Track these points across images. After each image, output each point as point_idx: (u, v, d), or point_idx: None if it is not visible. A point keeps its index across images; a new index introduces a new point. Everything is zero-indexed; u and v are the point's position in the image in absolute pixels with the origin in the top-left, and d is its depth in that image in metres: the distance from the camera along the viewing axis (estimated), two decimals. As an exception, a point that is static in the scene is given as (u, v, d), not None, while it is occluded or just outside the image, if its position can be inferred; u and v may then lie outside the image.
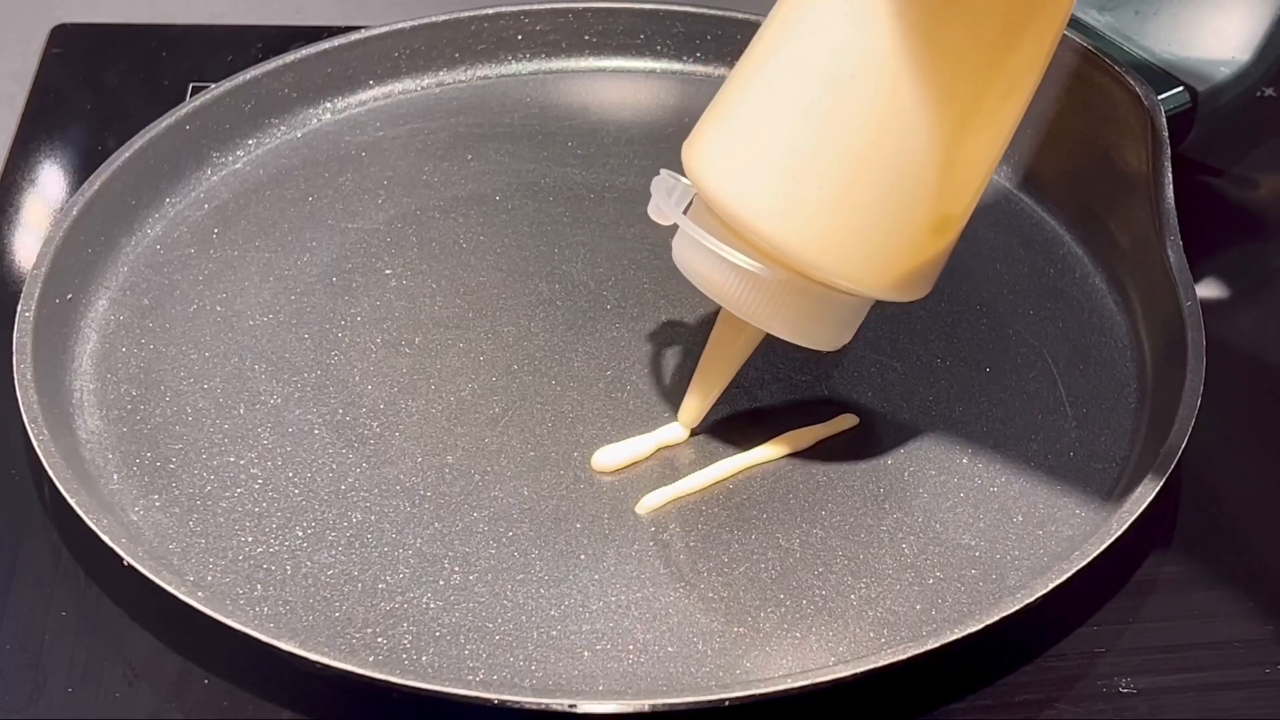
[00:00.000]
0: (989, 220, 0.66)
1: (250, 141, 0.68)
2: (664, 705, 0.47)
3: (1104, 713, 0.50)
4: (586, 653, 0.50)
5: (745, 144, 0.51)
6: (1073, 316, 0.62)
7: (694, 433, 0.56)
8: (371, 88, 0.71)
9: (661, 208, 0.53)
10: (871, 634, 0.51)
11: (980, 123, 0.50)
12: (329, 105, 0.70)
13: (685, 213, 0.53)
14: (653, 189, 0.53)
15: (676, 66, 0.73)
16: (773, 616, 0.51)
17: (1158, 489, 0.52)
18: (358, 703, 0.49)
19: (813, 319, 0.53)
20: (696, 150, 0.52)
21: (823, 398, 0.58)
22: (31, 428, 0.53)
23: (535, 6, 0.72)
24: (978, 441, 0.57)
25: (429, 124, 0.70)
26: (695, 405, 0.56)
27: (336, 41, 0.70)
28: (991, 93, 0.50)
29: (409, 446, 0.56)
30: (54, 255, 0.59)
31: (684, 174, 0.52)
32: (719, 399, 0.56)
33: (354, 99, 0.70)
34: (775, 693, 0.47)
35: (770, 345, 0.60)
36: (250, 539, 0.52)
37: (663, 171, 0.53)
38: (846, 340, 0.54)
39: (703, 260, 0.52)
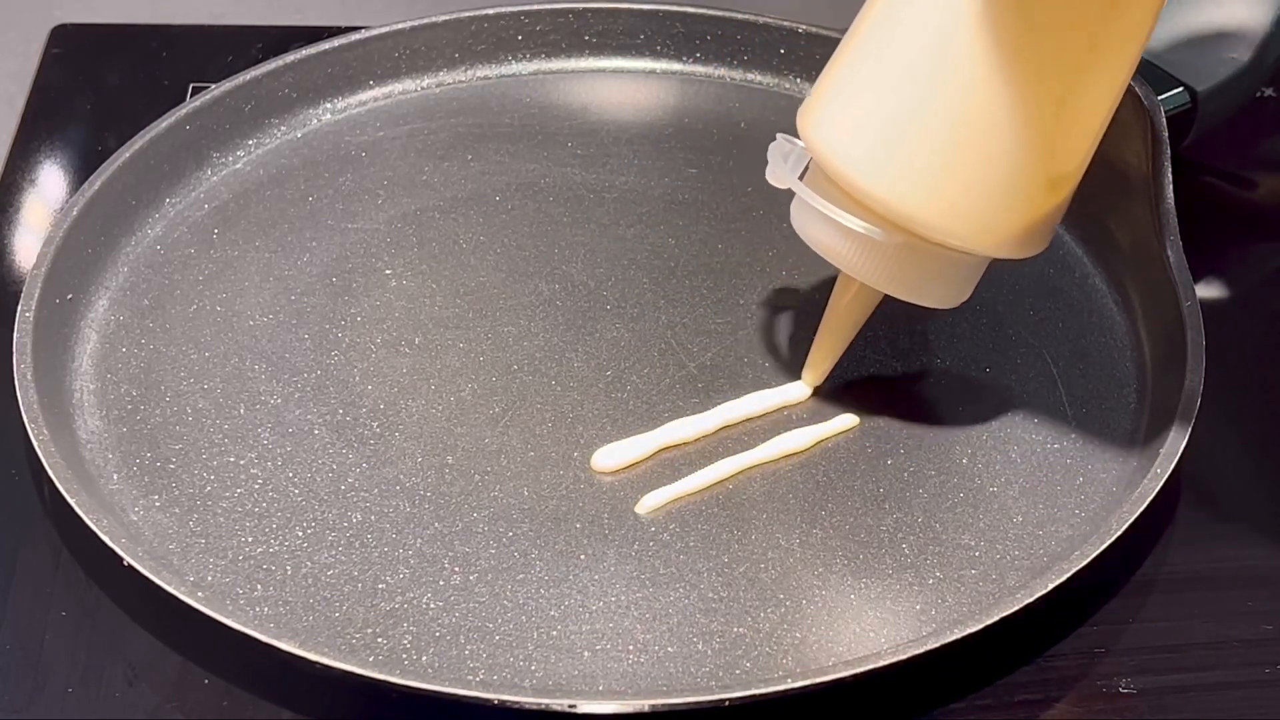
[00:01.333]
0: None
1: (250, 142, 0.68)
2: (664, 705, 0.47)
3: (1104, 713, 0.50)
4: (586, 653, 0.50)
5: (856, 108, 0.51)
6: (1073, 316, 0.62)
7: (694, 439, 0.56)
8: (372, 88, 0.71)
9: (778, 172, 0.54)
10: (871, 634, 0.51)
11: (1087, 81, 0.51)
12: (329, 105, 0.70)
13: (801, 178, 0.53)
14: (769, 154, 0.54)
15: (676, 66, 0.73)
16: (772, 617, 0.51)
17: (1158, 489, 0.52)
18: (358, 703, 0.49)
19: (929, 279, 0.53)
20: (810, 115, 0.53)
21: (823, 398, 0.58)
22: (31, 428, 0.53)
23: (535, 6, 0.72)
24: (978, 441, 0.57)
25: (429, 124, 0.70)
26: (819, 366, 0.57)
27: (336, 42, 0.70)
28: (1099, 52, 0.50)
29: (409, 446, 0.56)
30: (54, 255, 0.59)
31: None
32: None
33: (354, 99, 0.70)
34: (775, 693, 0.47)
35: (771, 345, 0.60)
36: (250, 539, 0.52)
37: (779, 136, 0.54)
38: (965, 298, 0.55)
39: (819, 225, 0.53)
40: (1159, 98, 0.63)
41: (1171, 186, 0.60)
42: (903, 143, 0.51)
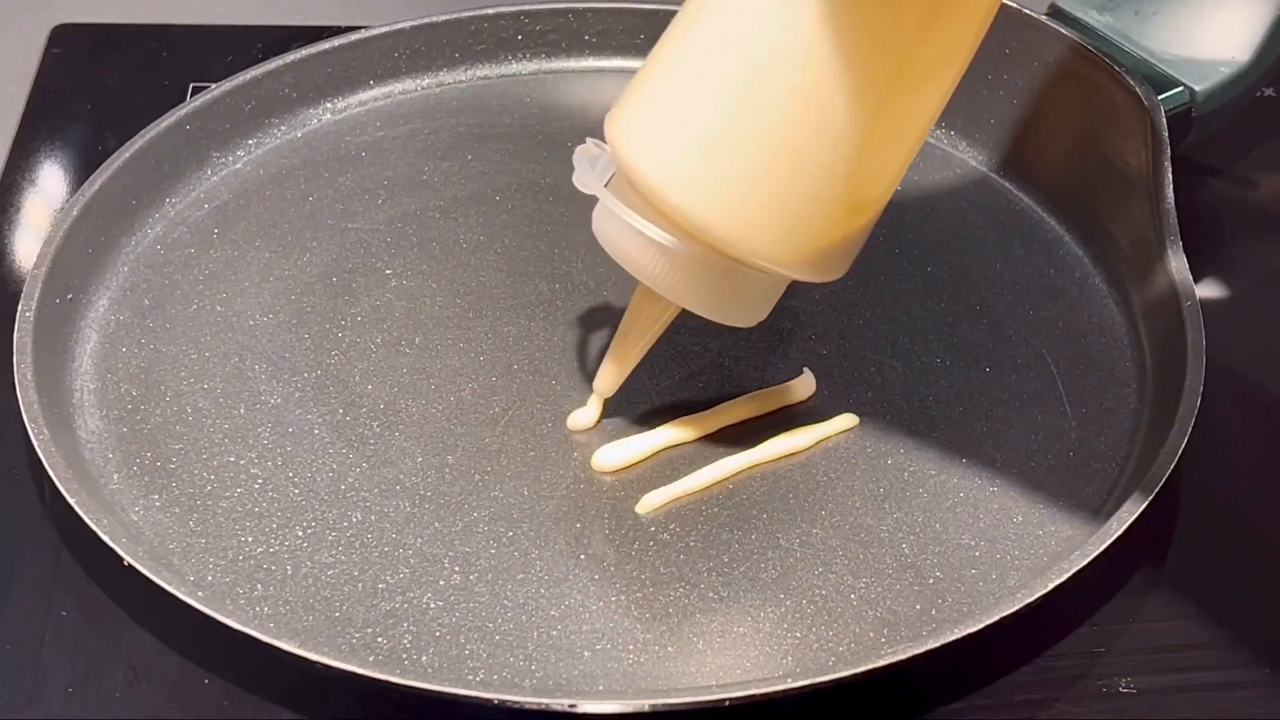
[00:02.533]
0: (989, 220, 0.66)
1: (250, 141, 0.68)
2: (664, 705, 0.47)
3: (1104, 713, 0.50)
4: (586, 652, 0.50)
5: (663, 118, 0.51)
6: (1073, 316, 0.62)
7: (694, 439, 0.56)
8: (371, 88, 0.71)
9: (584, 178, 0.53)
10: (871, 634, 0.51)
11: (899, 109, 0.50)
12: (329, 105, 0.70)
13: (607, 185, 0.53)
14: (575, 159, 0.53)
15: (676, 66, 0.73)
16: (773, 616, 0.51)
17: (1158, 489, 0.52)
18: (358, 703, 0.49)
19: (727, 295, 0.53)
20: (617, 122, 0.52)
21: (823, 397, 0.58)
22: (32, 428, 0.53)
23: (535, 6, 0.72)
24: (978, 441, 0.57)
25: (429, 124, 0.70)
26: (611, 375, 0.56)
27: (337, 42, 0.70)
28: (911, 79, 0.50)
29: (409, 446, 0.56)
30: (54, 255, 0.59)
31: None
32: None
33: (354, 99, 0.70)
34: (775, 693, 0.47)
35: (771, 345, 0.60)
36: (250, 539, 0.52)
37: (588, 140, 0.53)
38: (761, 318, 0.54)
39: (619, 233, 0.52)
40: (1159, 98, 0.63)
41: (1171, 186, 0.60)
42: (707, 156, 0.50)
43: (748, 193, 0.50)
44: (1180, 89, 0.66)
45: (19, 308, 0.57)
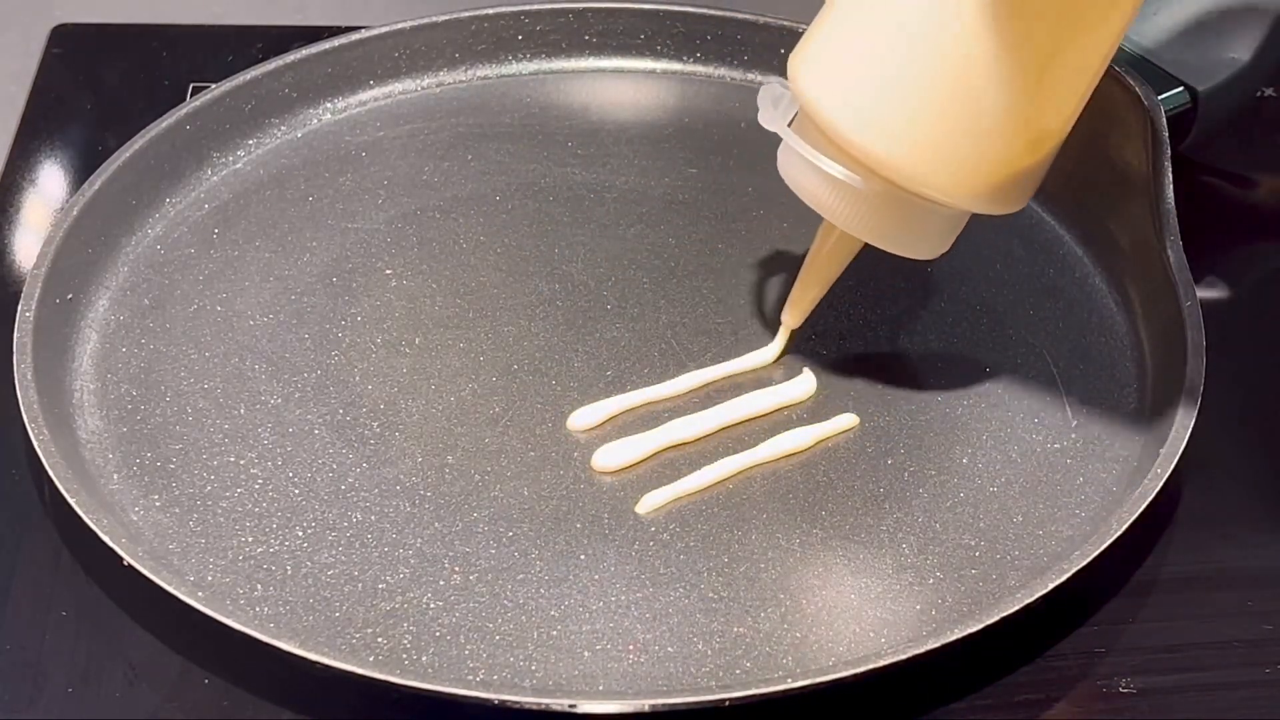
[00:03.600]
0: (989, 220, 0.66)
1: (250, 141, 0.68)
2: (664, 705, 0.47)
3: (1104, 713, 0.50)
4: (586, 653, 0.50)
5: (844, 57, 0.52)
6: (1073, 316, 0.62)
7: (695, 439, 0.56)
8: (372, 88, 0.71)
9: (768, 116, 0.54)
10: (871, 634, 0.51)
11: (1072, 44, 0.51)
12: (329, 105, 0.70)
13: (790, 124, 0.54)
14: (759, 99, 0.55)
15: (676, 66, 0.73)
16: (773, 616, 0.51)
17: (1158, 489, 0.52)
18: (358, 703, 0.49)
19: (907, 229, 0.54)
20: (799, 61, 0.53)
21: (823, 397, 0.58)
22: (32, 428, 0.53)
23: (535, 6, 0.72)
24: (978, 441, 0.57)
25: (429, 124, 0.70)
26: (797, 310, 0.58)
27: (337, 41, 0.70)
28: (1087, 12, 0.50)
29: (409, 446, 0.56)
30: (54, 255, 0.59)
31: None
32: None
33: (354, 99, 0.70)
34: (775, 693, 0.47)
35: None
36: (250, 539, 0.52)
37: (773, 80, 0.55)
38: (943, 250, 0.56)
39: (802, 170, 0.53)
40: (1159, 98, 0.63)
41: (1171, 186, 0.60)
42: (888, 93, 0.51)
43: (927, 129, 0.51)
44: (1180, 89, 0.66)
45: (19, 308, 0.57)
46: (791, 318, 0.59)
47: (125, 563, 0.49)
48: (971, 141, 0.51)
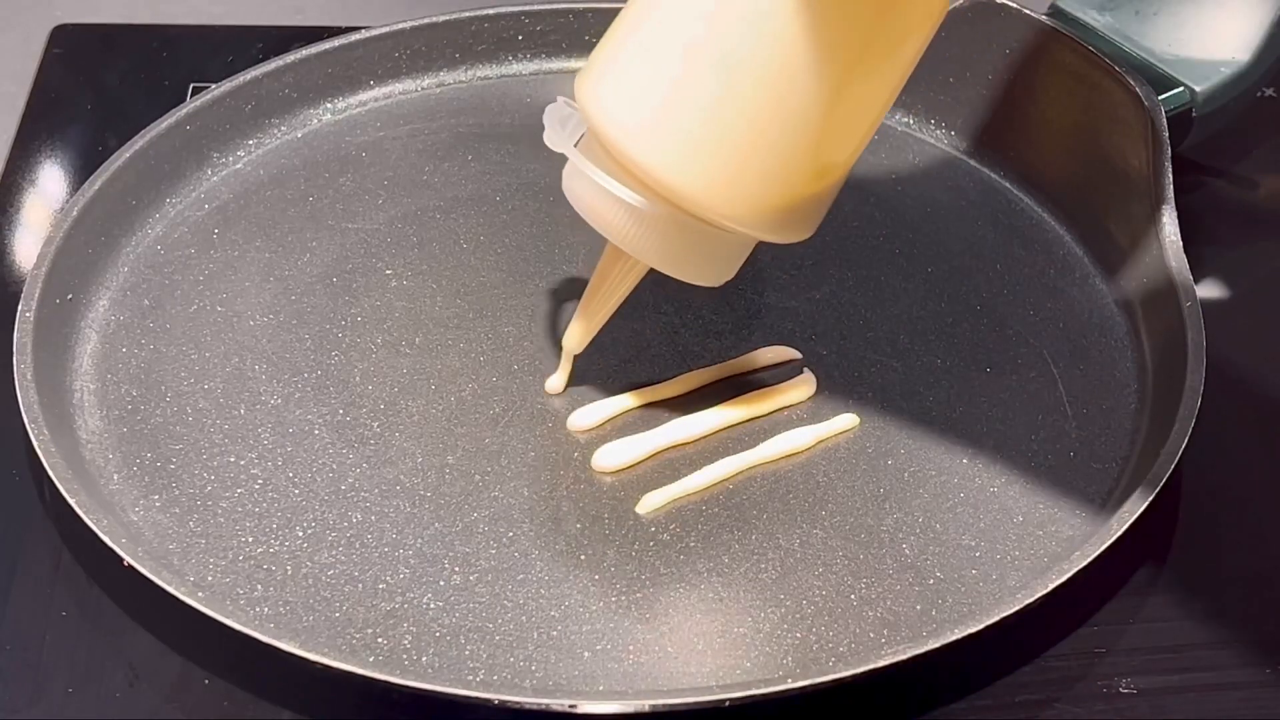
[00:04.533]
0: (989, 220, 0.66)
1: (251, 142, 0.68)
2: (664, 705, 0.47)
3: (1104, 713, 0.50)
4: (587, 653, 0.50)
5: (631, 78, 0.51)
6: (1073, 316, 0.62)
7: (695, 439, 0.56)
8: (372, 88, 0.71)
9: (554, 137, 0.53)
10: (872, 634, 0.51)
11: (866, 72, 0.50)
12: (329, 105, 0.70)
13: (577, 144, 0.53)
14: (545, 117, 0.53)
15: (676, 66, 0.73)
16: (773, 617, 0.51)
17: (1158, 489, 0.52)
18: (358, 703, 0.49)
19: (693, 255, 0.53)
20: (586, 81, 0.52)
21: (823, 398, 0.58)
22: (32, 428, 0.53)
23: (535, 6, 0.72)
24: (978, 442, 0.57)
25: (429, 124, 0.70)
26: (580, 333, 0.57)
27: (337, 42, 0.70)
28: (880, 41, 0.50)
29: (409, 447, 0.56)
30: (54, 255, 0.59)
31: None
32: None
33: (354, 99, 0.70)
34: (775, 693, 0.47)
35: (771, 345, 0.60)
36: (250, 539, 0.52)
37: (559, 99, 0.54)
38: (727, 278, 0.55)
39: (588, 192, 0.52)
40: (1159, 98, 0.63)
41: (1171, 186, 0.60)
42: (674, 114, 0.50)
43: (714, 154, 0.50)
44: (1181, 89, 0.66)
45: (19, 308, 0.57)
46: (573, 342, 0.57)
47: (125, 563, 0.49)
48: (758, 168, 0.50)
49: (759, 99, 0.49)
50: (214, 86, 0.67)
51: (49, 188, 0.68)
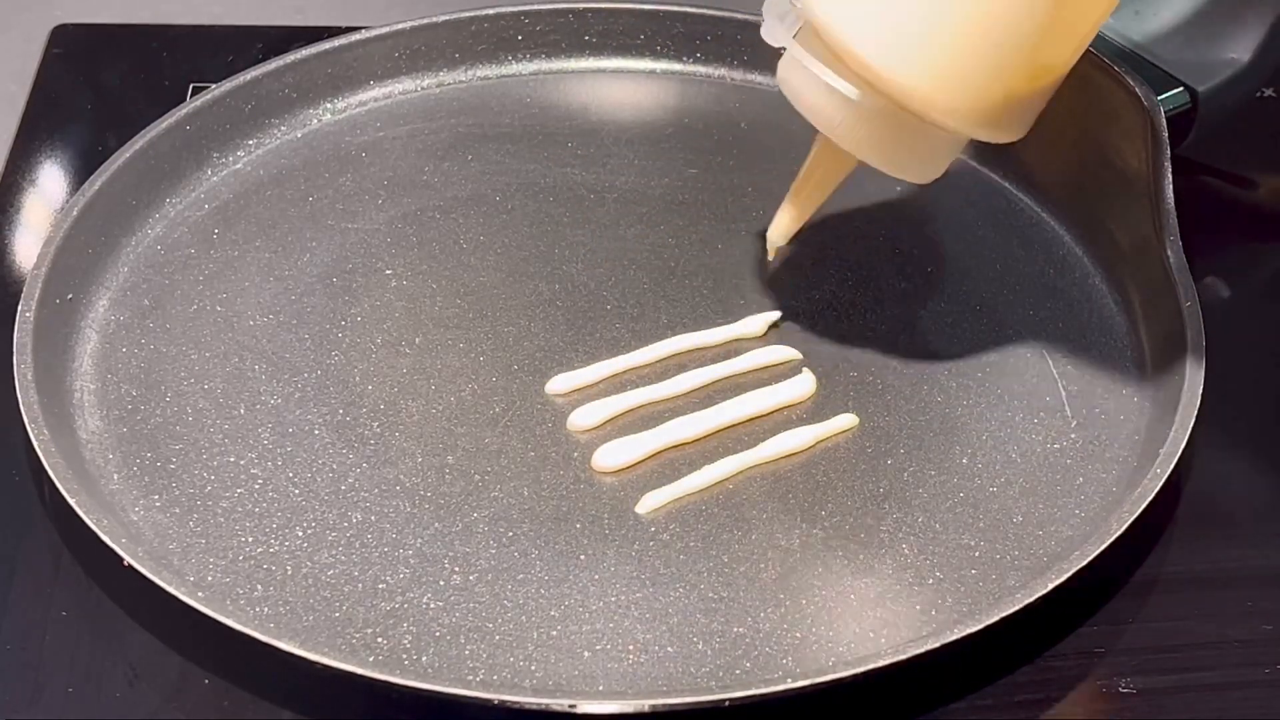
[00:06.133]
0: (989, 220, 0.66)
1: (251, 142, 0.68)
2: (664, 705, 0.47)
3: (1104, 713, 0.50)
4: (586, 653, 0.50)
5: None
6: (1073, 316, 0.62)
7: (695, 439, 0.56)
8: (372, 88, 0.71)
9: (773, 30, 0.54)
10: (871, 634, 0.51)
11: None
12: (329, 105, 0.70)
13: (795, 37, 0.54)
14: (764, 10, 0.55)
15: (676, 66, 0.73)
16: (773, 617, 0.51)
17: (1158, 489, 0.52)
18: (358, 703, 0.49)
19: (904, 150, 0.55)
20: None
21: (823, 397, 0.58)
22: (32, 428, 0.53)
23: (535, 7, 0.72)
24: (978, 442, 0.57)
25: (429, 124, 0.70)
26: (786, 223, 0.59)
27: (337, 42, 0.70)
28: None
29: (409, 447, 0.56)
30: (54, 255, 0.59)
31: None
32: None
33: (354, 99, 0.70)
34: (775, 693, 0.47)
35: (771, 345, 0.60)
36: (250, 539, 0.52)
37: None
38: (936, 175, 0.56)
39: (805, 83, 0.54)
40: (1159, 98, 0.63)
41: (1171, 186, 0.60)
42: (893, 7, 0.51)
43: (931, 48, 0.51)
44: (1180, 89, 0.66)
45: (19, 308, 0.57)
46: (779, 233, 0.59)
47: (125, 563, 0.49)
48: (975, 64, 0.52)
49: None
50: (214, 86, 0.67)
51: (49, 188, 0.68)
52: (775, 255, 0.60)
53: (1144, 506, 0.51)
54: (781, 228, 0.59)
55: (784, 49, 0.55)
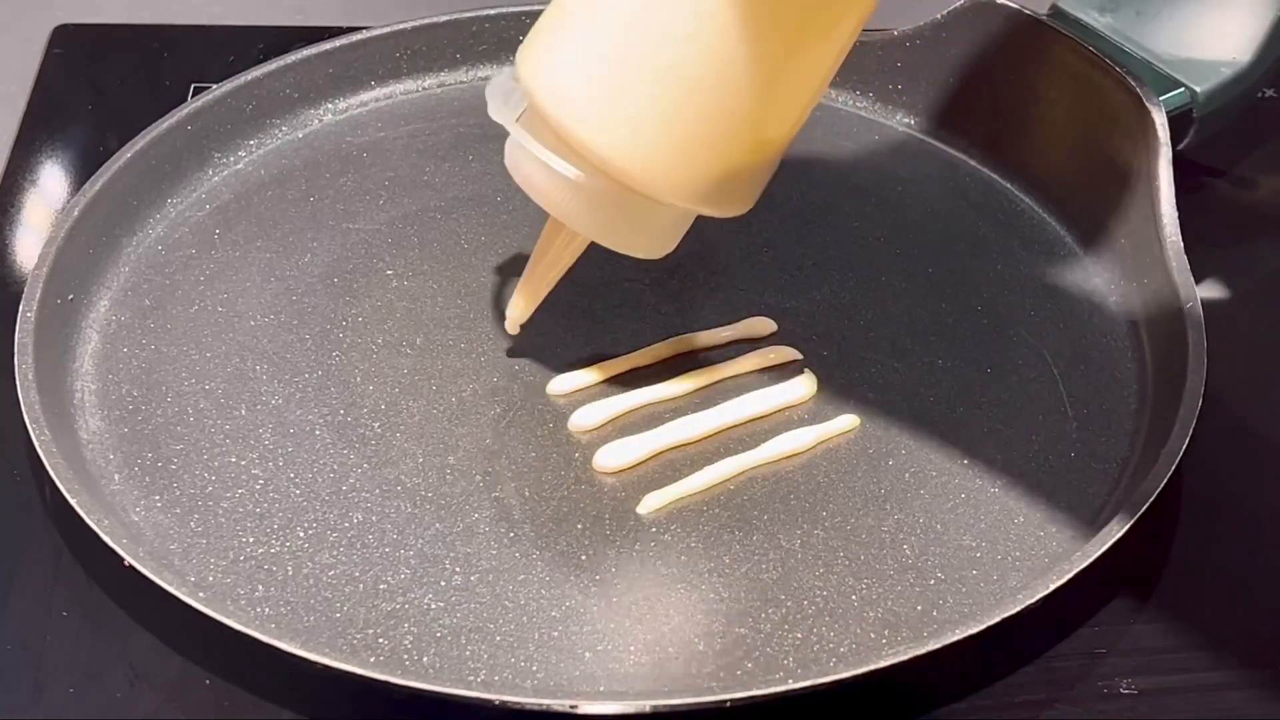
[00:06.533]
0: (989, 220, 0.66)
1: (252, 142, 0.68)
2: (665, 706, 0.47)
3: (1104, 713, 0.50)
4: (588, 654, 0.50)
5: (569, 52, 0.51)
6: (1073, 316, 0.62)
7: (696, 440, 0.56)
8: (373, 88, 0.71)
9: (498, 111, 0.54)
10: (872, 635, 0.51)
11: (805, 48, 0.51)
12: (330, 106, 0.70)
13: (519, 119, 0.53)
14: (488, 91, 0.54)
15: (677, 67, 0.73)
16: (774, 617, 0.51)
17: (1158, 490, 0.52)
18: (358, 703, 0.49)
19: (632, 228, 0.54)
20: (527, 55, 0.52)
21: (824, 398, 0.58)
22: (33, 428, 0.53)
23: (535, 7, 0.71)
24: (978, 442, 0.57)
25: (430, 125, 0.70)
26: (523, 305, 0.58)
27: (338, 42, 0.70)
28: (818, 18, 0.50)
29: (410, 447, 0.56)
30: (55, 256, 0.59)
31: None
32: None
33: (355, 100, 0.70)
34: (776, 693, 0.47)
35: (771, 345, 0.60)
36: (251, 540, 0.53)
37: (504, 71, 0.54)
38: (667, 250, 0.55)
39: (529, 165, 0.53)
40: (1159, 98, 0.63)
41: (1172, 186, 0.61)
42: (611, 91, 0.51)
43: (648, 127, 0.50)
44: (1181, 90, 0.66)
45: (20, 308, 0.57)
46: (516, 313, 0.58)
47: (126, 563, 0.49)
48: (696, 144, 0.51)
49: (692, 75, 0.50)
50: (215, 87, 0.67)
51: (50, 188, 0.68)
52: (518, 332, 0.58)
53: (1145, 507, 0.51)
54: (519, 309, 0.58)
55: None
